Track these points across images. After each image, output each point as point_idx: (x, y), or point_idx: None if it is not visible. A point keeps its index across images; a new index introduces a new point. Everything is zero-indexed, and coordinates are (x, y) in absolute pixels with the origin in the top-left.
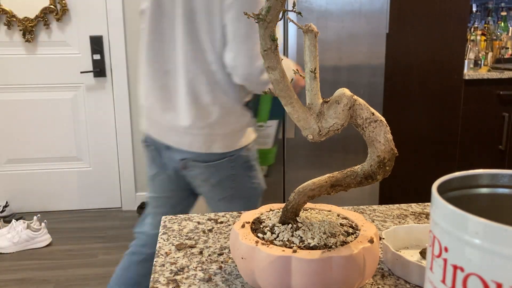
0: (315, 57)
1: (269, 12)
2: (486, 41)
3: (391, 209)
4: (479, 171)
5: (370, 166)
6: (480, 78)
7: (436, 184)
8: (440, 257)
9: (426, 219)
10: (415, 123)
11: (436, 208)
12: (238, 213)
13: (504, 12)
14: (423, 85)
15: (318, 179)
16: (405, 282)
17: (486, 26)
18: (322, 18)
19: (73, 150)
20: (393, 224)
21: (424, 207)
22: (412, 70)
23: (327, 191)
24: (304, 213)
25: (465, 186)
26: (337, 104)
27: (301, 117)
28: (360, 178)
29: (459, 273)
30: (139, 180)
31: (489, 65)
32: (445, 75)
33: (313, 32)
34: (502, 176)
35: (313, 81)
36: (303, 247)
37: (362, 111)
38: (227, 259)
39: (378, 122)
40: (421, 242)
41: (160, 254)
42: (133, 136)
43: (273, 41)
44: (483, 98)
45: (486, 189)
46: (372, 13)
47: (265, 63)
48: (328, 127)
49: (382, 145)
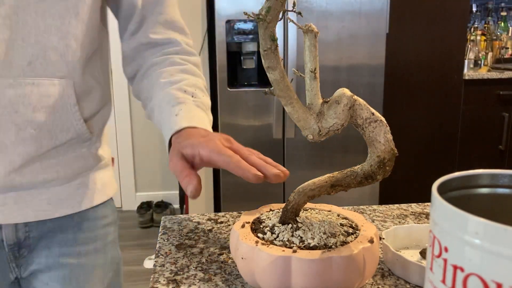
0: (315, 57)
1: (269, 12)
2: (486, 41)
3: (391, 209)
4: (479, 171)
5: (370, 166)
6: (480, 78)
7: (436, 184)
8: (440, 257)
9: (426, 219)
10: (415, 123)
11: (436, 208)
12: (238, 213)
13: (504, 12)
14: (423, 85)
15: (318, 179)
16: (405, 282)
17: (486, 26)
18: (322, 18)
19: None
20: (393, 224)
21: (424, 207)
22: (412, 70)
23: (327, 191)
24: (304, 213)
25: (465, 186)
26: (337, 104)
27: (301, 117)
28: (360, 178)
29: (459, 273)
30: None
31: (489, 65)
32: (445, 75)
33: (313, 32)
34: (502, 176)
35: (313, 81)
36: (303, 247)
37: (362, 111)
38: (227, 259)
39: (378, 122)
40: (421, 242)
41: (160, 254)
42: (133, 136)
43: (273, 41)
44: (483, 98)
45: (486, 189)
46: (372, 13)
47: (265, 63)
48: (328, 127)
49: (382, 145)
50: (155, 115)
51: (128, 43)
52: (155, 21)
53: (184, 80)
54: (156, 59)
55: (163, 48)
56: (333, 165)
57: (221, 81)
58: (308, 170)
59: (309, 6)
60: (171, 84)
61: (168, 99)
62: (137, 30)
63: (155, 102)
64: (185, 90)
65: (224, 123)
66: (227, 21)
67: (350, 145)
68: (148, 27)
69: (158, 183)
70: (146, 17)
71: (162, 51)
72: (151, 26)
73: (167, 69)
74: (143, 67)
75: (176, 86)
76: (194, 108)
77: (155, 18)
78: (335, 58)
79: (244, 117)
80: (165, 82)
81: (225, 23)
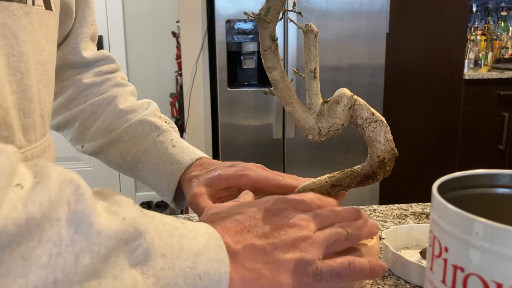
0: (315, 57)
1: (269, 12)
2: (486, 41)
3: (391, 209)
4: (479, 171)
5: (370, 166)
6: (480, 78)
7: (436, 184)
8: (440, 257)
9: (426, 219)
10: (415, 123)
11: (436, 208)
12: None
13: (504, 12)
14: (423, 85)
15: (318, 179)
16: (405, 282)
17: (486, 26)
18: (322, 18)
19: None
20: (393, 224)
21: (424, 207)
22: (412, 70)
23: (327, 191)
24: None
25: (465, 186)
26: (337, 104)
27: (301, 117)
28: (360, 178)
29: (459, 273)
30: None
31: (489, 65)
32: (445, 75)
33: (313, 32)
34: (502, 176)
35: (313, 81)
36: None
37: (362, 111)
38: None
39: (378, 122)
40: (421, 242)
41: None
42: None
43: (273, 41)
44: (483, 98)
45: (486, 189)
46: (372, 13)
47: (265, 63)
48: (328, 127)
49: (382, 145)
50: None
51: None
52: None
53: (151, 105)
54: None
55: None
56: (333, 165)
57: (221, 81)
58: (308, 170)
59: (309, 6)
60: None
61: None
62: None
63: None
64: (160, 117)
65: (224, 123)
66: (227, 21)
67: (350, 145)
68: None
69: None
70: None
71: (94, 70)
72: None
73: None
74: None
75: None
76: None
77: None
78: (335, 58)
79: (244, 117)
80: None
81: (225, 23)
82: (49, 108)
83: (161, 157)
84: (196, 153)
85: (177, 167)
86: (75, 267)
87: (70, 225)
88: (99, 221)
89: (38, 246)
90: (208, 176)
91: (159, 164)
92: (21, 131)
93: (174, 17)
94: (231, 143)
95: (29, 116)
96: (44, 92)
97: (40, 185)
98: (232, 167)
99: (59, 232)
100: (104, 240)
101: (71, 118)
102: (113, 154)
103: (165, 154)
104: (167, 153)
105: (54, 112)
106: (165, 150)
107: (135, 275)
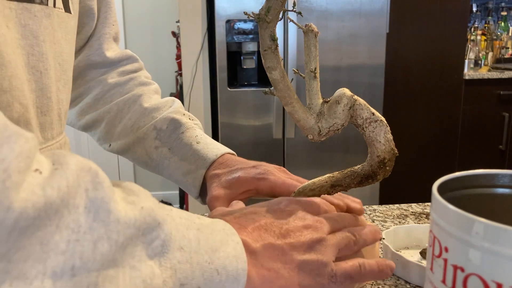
0: (315, 57)
1: (269, 12)
2: (486, 41)
3: (391, 209)
4: (479, 171)
5: (370, 166)
6: (480, 78)
7: (436, 184)
8: (440, 257)
9: (426, 219)
10: (415, 123)
11: (436, 208)
12: None
13: (504, 12)
14: (423, 85)
15: (318, 179)
16: (405, 282)
17: (486, 26)
18: (322, 18)
19: (73, 150)
20: (393, 224)
21: (424, 207)
22: (412, 70)
23: (327, 191)
24: None
25: (465, 186)
26: (337, 104)
27: (301, 117)
28: (360, 178)
29: (459, 273)
30: (139, 180)
31: (489, 65)
32: (445, 75)
33: (313, 32)
34: (502, 176)
35: (313, 81)
36: None
37: (362, 111)
38: None
39: (378, 122)
40: (421, 242)
41: None
42: None
43: (273, 41)
44: (483, 98)
45: (486, 189)
46: (372, 13)
47: (265, 63)
48: (328, 127)
49: (382, 145)
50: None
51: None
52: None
53: (175, 103)
54: (115, 80)
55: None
56: (333, 165)
57: (221, 81)
58: (308, 170)
59: (309, 6)
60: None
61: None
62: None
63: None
64: (183, 114)
65: (224, 123)
66: (227, 21)
67: (350, 145)
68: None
69: (158, 183)
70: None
71: (118, 70)
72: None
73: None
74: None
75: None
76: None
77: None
78: (335, 58)
79: (244, 117)
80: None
81: (225, 23)
82: (66, 107)
83: (186, 154)
84: (220, 149)
85: (201, 163)
86: (93, 255)
87: (89, 212)
88: (118, 209)
89: (56, 232)
90: (229, 177)
91: (184, 160)
92: (39, 128)
93: (174, 17)
94: (231, 143)
95: (46, 114)
96: (62, 92)
97: (59, 171)
98: (253, 169)
99: (77, 219)
100: (123, 228)
101: (98, 118)
102: (139, 152)
103: (190, 151)
104: (192, 150)
105: (81, 113)
106: (189, 146)
107: (153, 267)
